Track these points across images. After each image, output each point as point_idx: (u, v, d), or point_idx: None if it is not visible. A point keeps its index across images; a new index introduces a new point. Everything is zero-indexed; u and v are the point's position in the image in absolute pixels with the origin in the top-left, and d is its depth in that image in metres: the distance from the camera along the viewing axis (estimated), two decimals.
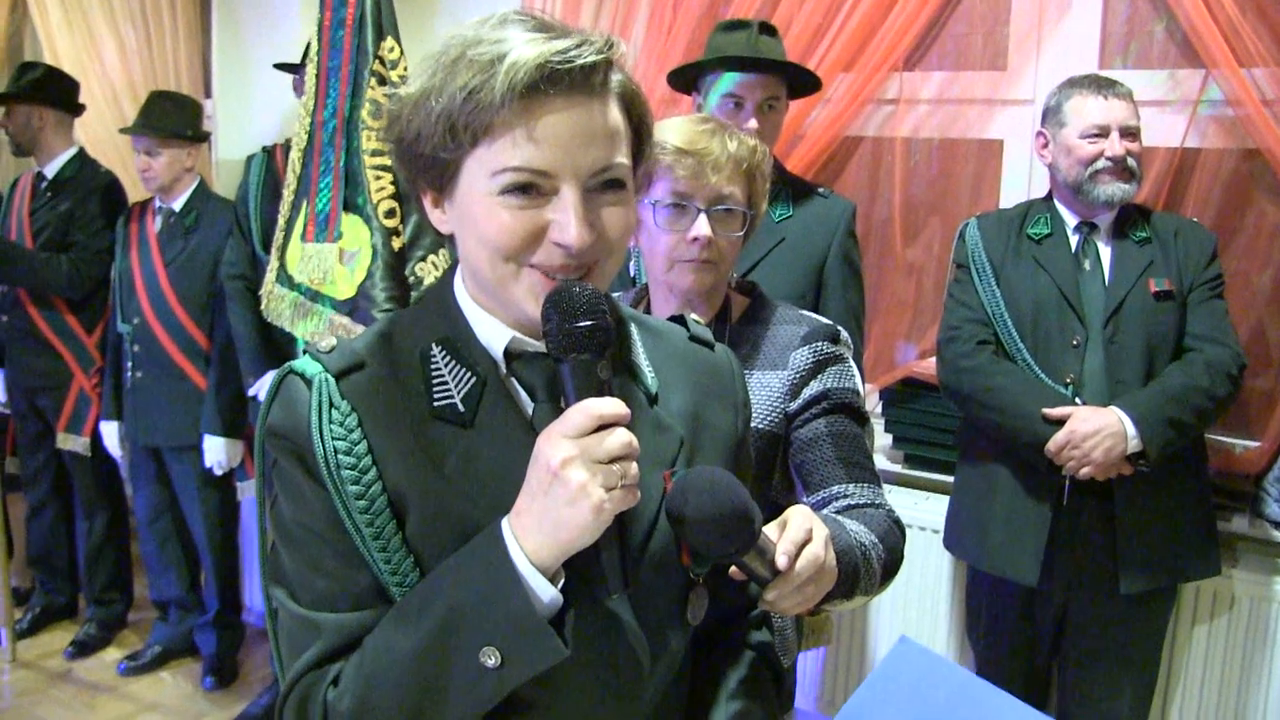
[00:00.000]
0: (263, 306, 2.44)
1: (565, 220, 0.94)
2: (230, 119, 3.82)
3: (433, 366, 1.02)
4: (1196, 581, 2.54)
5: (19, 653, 3.73)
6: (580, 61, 0.92)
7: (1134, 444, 2.23)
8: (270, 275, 2.42)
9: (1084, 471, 2.25)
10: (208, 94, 4.05)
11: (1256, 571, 2.56)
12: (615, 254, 1.01)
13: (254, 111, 3.83)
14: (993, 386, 2.38)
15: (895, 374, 2.96)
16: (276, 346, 3.17)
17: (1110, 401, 2.29)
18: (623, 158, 0.99)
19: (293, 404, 1.00)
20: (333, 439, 0.98)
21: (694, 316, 1.26)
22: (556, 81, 0.92)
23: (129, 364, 3.45)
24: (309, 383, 1.00)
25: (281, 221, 2.41)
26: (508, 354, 1.03)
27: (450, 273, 1.09)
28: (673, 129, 1.58)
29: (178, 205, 3.42)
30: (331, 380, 1.00)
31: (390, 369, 1.03)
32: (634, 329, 1.14)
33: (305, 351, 1.05)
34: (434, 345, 1.03)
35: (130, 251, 3.45)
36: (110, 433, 3.57)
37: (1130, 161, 2.34)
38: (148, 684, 3.59)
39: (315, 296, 2.32)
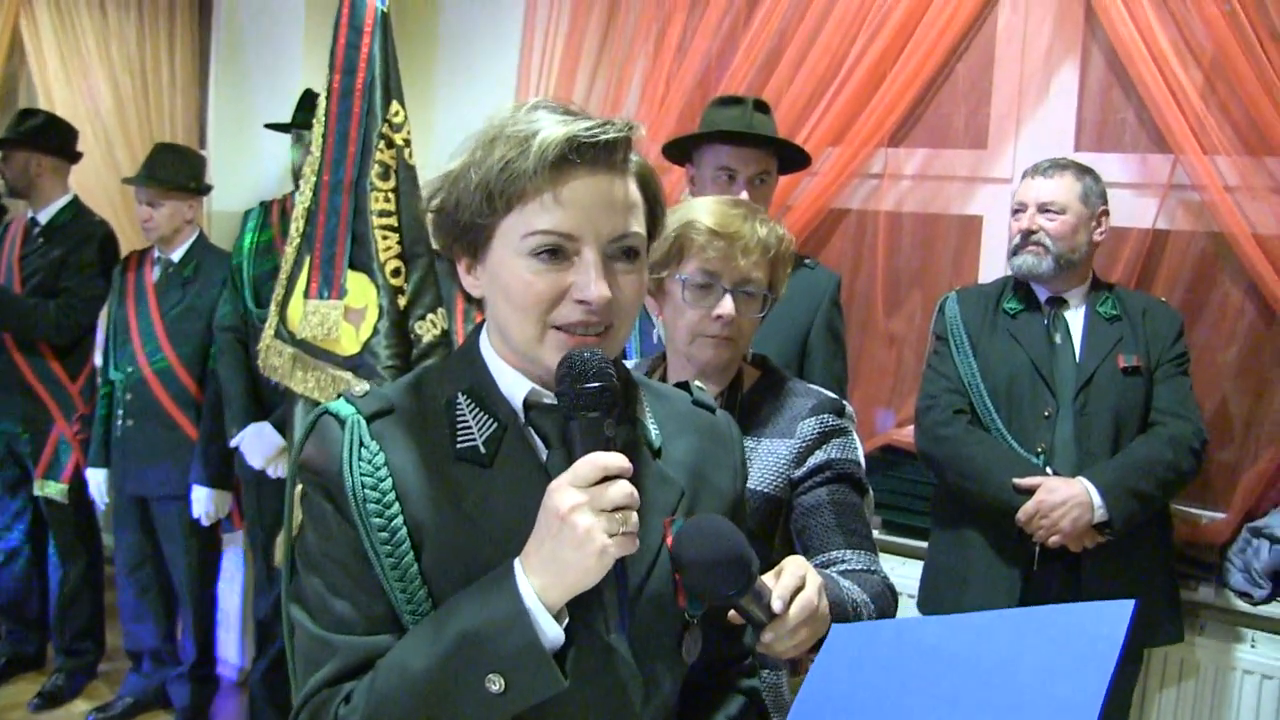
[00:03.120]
0: (260, 360, 2.47)
1: (586, 279, 1.04)
2: (225, 171, 3.87)
3: (458, 413, 1.11)
4: (1162, 648, 2.62)
5: None
6: (604, 137, 1.04)
7: (1100, 514, 2.31)
8: (268, 330, 2.45)
9: (1053, 540, 2.33)
10: (202, 145, 4.11)
11: (1221, 639, 2.65)
12: (628, 319, 1.10)
13: (249, 165, 3.88)
14: (967, 455, 2.46)
15: (875, 441, 3.03)
16: (262, 400, 3.22)
17: (1079, 471, 2.37)
18: (639, 228, 1.09)
19: (325, 441, 1.09)
20: (360, 475, 1.06)
21: (697, 383, 1.34)
22: (583, 154, 1.03)
23: (120, 412, 3.45)
24: (342, 423, 1.09)
25: (282, 277, 2.44)
26: (526, 404, 1.11)
27: (476, 331, 1.18)
28: (706, 210, 1.67)
29: (177, 256, 3.45)
30: (363, 422, 1.09)
31: (418, 414, 1.12)
32: (641, 391, 1.23)
33: (340, 395, 1.14)
34: (459, 394, 1.12)
35: (126, 300, 3.47)
36: (96, 480, 3.54)
37: (1040, 236, 2.46)
38: None
39: (316, 352, 2.35)
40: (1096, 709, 0.86)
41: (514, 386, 1.11)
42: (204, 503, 3.33)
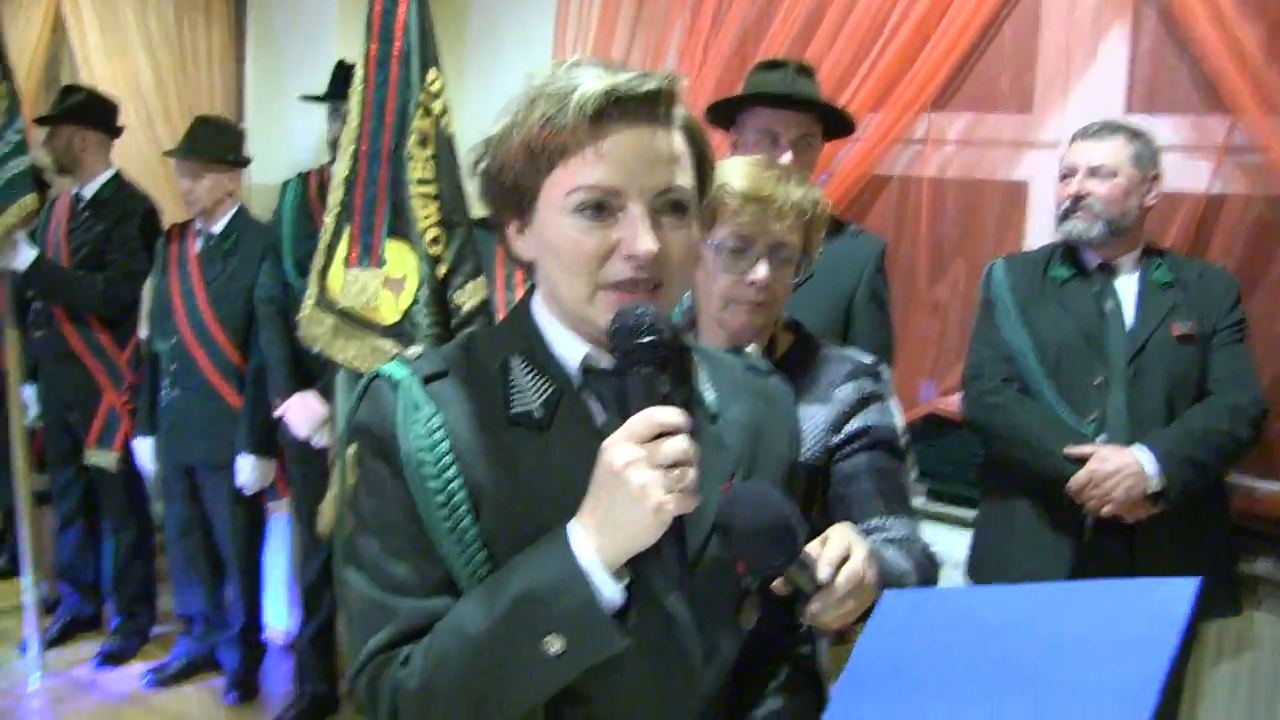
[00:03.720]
0: (301, 330, 2.47)
1: (633, 233, 1.02)
2: (262, 144, 3.88)
3: (512, 377, 1.09)
4: (1218, 621, 2.57)
5: (47, 661, 3.75)
6: (644, 89, 1.02)
7: (1155, 484, 2.25)
8: (309, 300, 2.45)
9: (1105, 510, 2.28)
10: (240, 118, 4.12)
11: (1279, 613, 2.58)
12: (679, 277, 1.08)
13: (286, 137, 3.89)
14: (1016, 424, 2.42)
15: (919, 410, 2.99)
16: (305, 369, 3.24)
17: (1132, 441, 2.31)
18: (685, 181, 1.06)
19: (379, 404, 1.08)
20: (416, 438, 1.05)
21: (751, 348, 1.31)
22: (622, 106, 1.01)
23: (165, 381, 3.50)
24: (396, 386, 1.08)
25: (322, 246, 2.43)
26: (583, 368, 1.10)
27: (529, 294, 1.16)
28: (738, 172, 1.62)
29: (218, 228, 3.48)
30: (418, 384, 1.08)
31: (472, 377, 1.10)
32: (696, 356, 1.21)
33: (394, 358, 1.13)
34: (514, 357, 1.11)
35: (169, 272, 3.51)
36: (144, 449, 3.60)
37: (1090, 200, 2.39)
38: (172, 696, 3.62)
39: (357, 321, 2.35)
40: (1156, 690, 0.83)
41: (569, 350, 1.10)
42: (248, 471, 3.38)
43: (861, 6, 2.90)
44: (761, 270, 1.61)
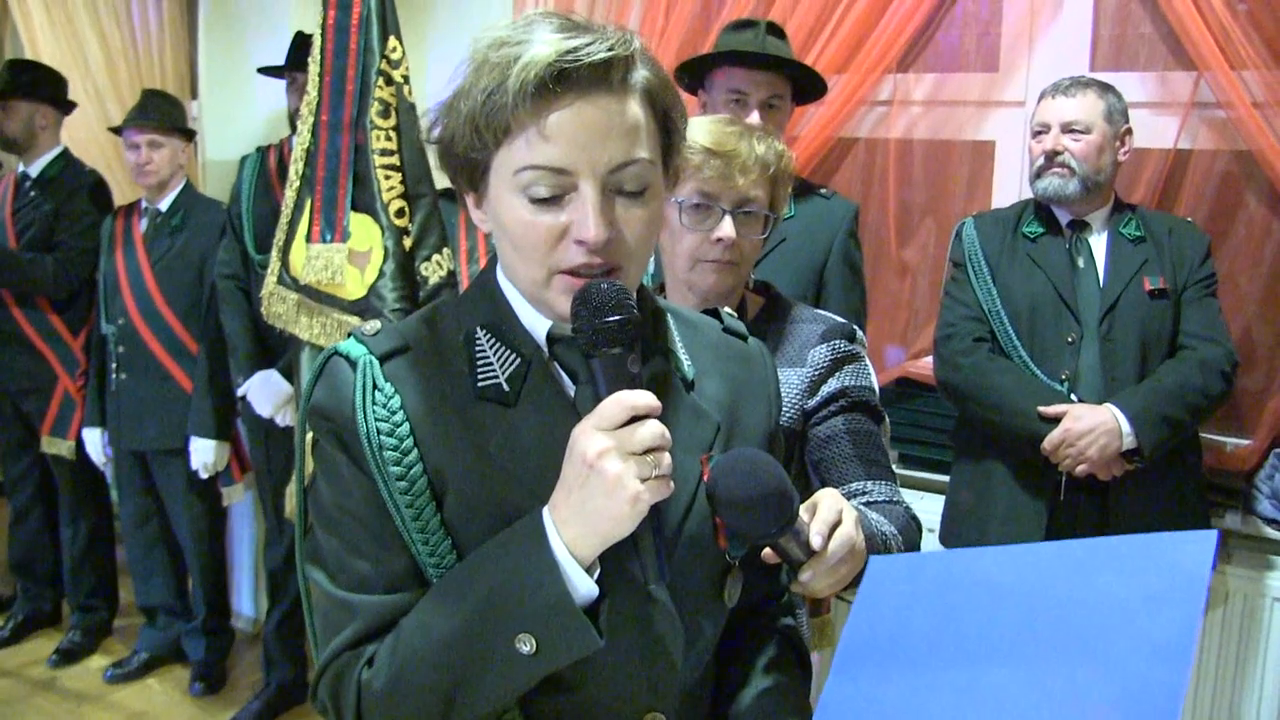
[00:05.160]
0: (263, 308, 2.42)
1: (583, 217, 0.95)
2: (217, 120, 3.80)
3: (477, 349, 1.04)
4: None
5: (1, 661, 3.67)
6: (589, 60, 0.93)
7: (1129, 441, 2.25)
8: (271, 276, 2.39)
9: (1080, 469, 2.28)
10: (193, 95, 4.02)
11: (1248, 567, 2.61)
12: (637, 258, 1.01)
13: (242, 111, 3.80)
14: (989, 384, 2.41)
15: (890, 373, 2.99)
16: (267, 347, 3.17)
17: (1105, 398, 2.31)
18: (645, 152, 0.99)
19: (337, 385, 1.02)
20: (375, 420, 0.99)
21: (727, 310, 1.27)
22: (565, 79, 0.93)
23: (113, 365, 3.41)
24: (354, 364, 1.02)
25: (283, 221, 2.38)
26: (550, 338, 1.04)
27: (493, 263, 1.10)
28: (701, 129, 1.59)
29: (164, 205, 3.40)
30: (376, 362, 1.02)
31: (434, 352, 1.05)
32: (670, 319, 1.16)
33: (350, 335, 1.06)
34: (479, 329, 1.05)
35: (115, 252, 3.42)
36: (93, 439, 3.52)
37: (1065, 157, 2.38)
38: (135, 691, 3.55)
39: (321, 297, 2.29)
40: (1191, 646, 0.81)
41: (535, 320, 1.04)
42: (203, 454, 3.30)
43: None
44: (727, 227, 1.58)
